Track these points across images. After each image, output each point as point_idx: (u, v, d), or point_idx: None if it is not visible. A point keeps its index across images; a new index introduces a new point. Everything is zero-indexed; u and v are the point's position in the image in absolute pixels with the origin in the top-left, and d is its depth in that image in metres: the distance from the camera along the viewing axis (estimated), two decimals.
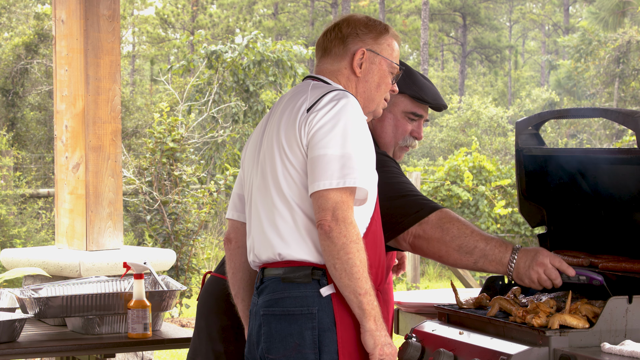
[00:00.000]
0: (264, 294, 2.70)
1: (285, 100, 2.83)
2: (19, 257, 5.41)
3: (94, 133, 5.29)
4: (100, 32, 5.31)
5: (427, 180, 13.10)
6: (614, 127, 19.58)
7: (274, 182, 2.70)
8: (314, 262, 2.65)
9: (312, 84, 2.82)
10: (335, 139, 2.60)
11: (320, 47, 2.90)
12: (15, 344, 3.43)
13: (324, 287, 2.63)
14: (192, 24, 33.58)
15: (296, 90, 2.84)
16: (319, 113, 2.65)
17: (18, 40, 16.93)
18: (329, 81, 2.84)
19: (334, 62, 2.86)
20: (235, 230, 2.94)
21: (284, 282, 2.64)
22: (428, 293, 3.84)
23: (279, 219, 2.67)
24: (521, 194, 3.54)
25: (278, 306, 2.64)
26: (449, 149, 21.15)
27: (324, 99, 2.69)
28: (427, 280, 13.27)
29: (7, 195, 12.67)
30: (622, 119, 3.03)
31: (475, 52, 41.20)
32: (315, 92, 2.75)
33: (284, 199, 2.67)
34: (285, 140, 2.69)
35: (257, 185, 2.77)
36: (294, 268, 2.65)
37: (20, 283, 9.40)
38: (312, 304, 2.62)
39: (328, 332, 2.63)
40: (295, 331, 2.62)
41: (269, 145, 2.76)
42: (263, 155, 2.77)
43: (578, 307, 2.96)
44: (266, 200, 2.71)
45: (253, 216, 2.77)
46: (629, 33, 19.55)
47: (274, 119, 2.80)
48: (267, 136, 2.78)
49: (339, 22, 2.90)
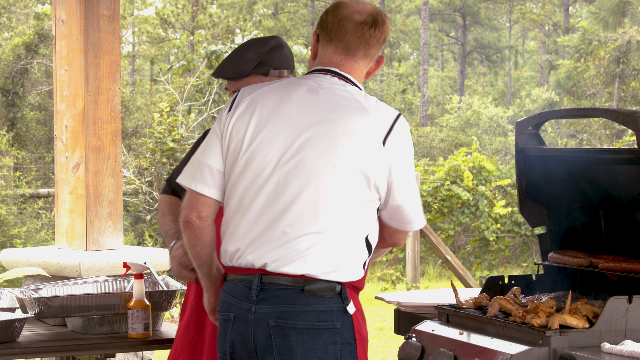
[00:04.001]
0: (270, 303, 2.58)
1: (328, 105, 2.63)
2: (19, 257, 5.41)
3: (94, 133, 5.29)
4: (100, 32, 5.31)
5: (427, 180, 13.10)
6: (614, 127, 19.58)
7: (321, 200, 2.57)
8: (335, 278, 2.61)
9: (351, 89, 2.68)
10: (412, 185, 2.69)
11: (363, 39, 2.70)
12: (15, 344, 3.43)
13: (347, 302, 2.60)
14: (192, 24, 33.57)
15: (339, 97, 2.65)
16: (397, 151, 2.63)
17: (18, 40, 16.93)
18: (359, 85, 2.73)
19: (369, 62, 2.76)
20: (208, 208, 2.71)
21: (307, 294, 2.56)
22: (428, 293, 3.84)
23: (315, 234, 2.57)
24: (521, 194, 3.54)
25: (300, 319, 2.56)
26: (449, 149, 21.14)
27: (397, 129, 2.64)
28: (427, 280, 13.27)
29: (7, 195, 12.67)
30: (622, 119, 3.03)
31: (475, 52, 41.19)
32: (381, 114, 2.63)
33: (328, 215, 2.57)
34: (354, 168, 2.58)
35: (296, 189, 2.59)
36: (310, 280, 2.57)
37: (20, 283, 9.39)
38: (337, 318, 2.59)
39: (348, 347, 2.61)
40: (320, 346, 2.57)
41: (321, 157, 2.59)
42: (314, 164, 2.59)
43: (578, 307, 2.96)
44: (306, 212, 2.57)
45: (281, 217, 2.59)
46: (629, 33, 19.54)
47: (324, 127, 2.60)
48: (317, 143, 2.59)
49: (384, 20, 2.71)
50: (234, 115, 2.69)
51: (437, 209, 13.05)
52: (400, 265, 12.67)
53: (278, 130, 2.62)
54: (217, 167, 2.69)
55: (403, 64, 35.25)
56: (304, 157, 2.59)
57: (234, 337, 2.66)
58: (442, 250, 10.56)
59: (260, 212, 2.61)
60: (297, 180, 2.58)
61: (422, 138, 22.42)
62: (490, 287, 3.43)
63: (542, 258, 3.56)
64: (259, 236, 2.61)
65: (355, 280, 2.64)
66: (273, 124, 2.63)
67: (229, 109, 2.72)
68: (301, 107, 2.64)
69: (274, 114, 2.64)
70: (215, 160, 2.69)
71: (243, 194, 2.64)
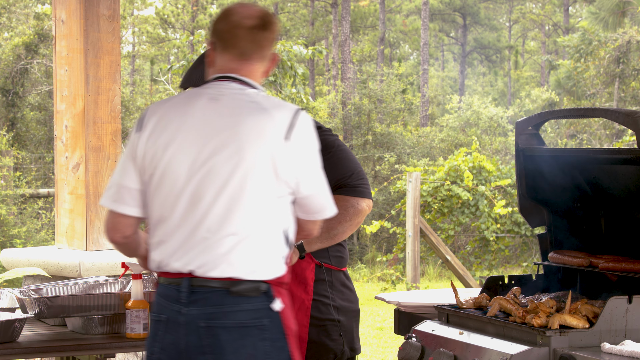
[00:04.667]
0: (200, 305, 2.69)
1: (230, 111, 2.74)
2: (19, 257, 5.41)
3: (94, 133, 5.29)
4: (100, 32, 5.31)
5: (427, 180, 13.10)
6: (614, 127, 19.57)
7: (235, 203, 2.68)
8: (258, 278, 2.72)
9: (251, 92, 2.78)
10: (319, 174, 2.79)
11: (256, 42, 2.80)
12: (15, 344, 3.43)
13: (274, 301, 2.72)
14: (192, 24, 33.58)
15: (240, 102, 2.75)
16: (300, 144, 2.71)
17: (18, 40, 16.93)
18: (258, 86, 2.82)
19: (263, 62, 2.84)
20: (131, 227, 2.87)
21: (234, 295, 2.68)
22: (428, 293, 3.84)
23: (233, 238, 2.69)
24: (521, 194, 3.54)
25: (228, 319, 2.68)
26: (449, 149, 21.14)
27: (298, 124, 2.72)
28: (427, 280, 13.27)
29: (7, 195, 12.67)
30: (622, 119, 3.03)
31: (475, 52, 41.20)
32: (281, 112, 2.72)
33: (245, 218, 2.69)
34: (261, 167, 2.68)
35: (210, 197, 2.70)
36: (236, 282, 2.69)
37: (20, 283, 9.39)
38: (264, 316, 2.71)
39: (277, 342, 2.73)
40: (249, 343, 2.69)
41: (228, 162, 2.70)
42: (222, 170, 2.70)
43: (578, 307, 2.96)
44: (220, 216, 2.70)
45: (199, 224, 2.71)
46: (629, 33, 19.54)
47: (228, 133, 2.71)
48: (222, 150, 2.70)
49: (272, 22, 2.83)
50: (143, 135, 2.80)
51: (437, 209, 13.05)
52: (400, 265, 12.67)
53: (186, 143, 2.74)
54: (134, 186, 2.82)
55: (403, 64, 35.25)
56: (213, 164, 2.70)
57: (164, 338, 2.77)
58: (442, 250, 10.56)
59: (179, 223, 2.74)
60: (209, 187, 2.70)
61: (422, 138, 22.41)
62: (490, 287, 3.43)
63: (542, 258, 3.56)
64: (181, 245, 2.74)
65: (279, 276, 2.75)
66: (181, 137, 2.75)
67: (137, 129, 2.83)
68: (204, 117, 2.75)
69: (180, 128, 2.76)
70: (131, 181, 2.82)
71: (162, 208, 2.77)
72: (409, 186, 11.49)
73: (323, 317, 3.40)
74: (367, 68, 25.96)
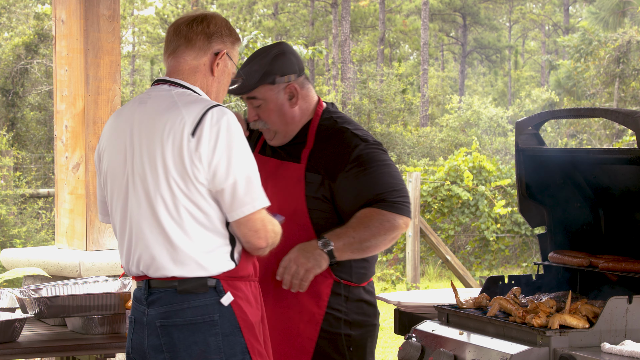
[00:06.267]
0: (156, 305, 2.78)
1: (151, 112, 2.80)
2: (19, 257, 5.41)
3: (94, 133, 5.29)
4: (100, 32, 5.31)
5: (427, 180, 13.10)
6: (614, 127, 19.58)
7: (157, 203, 2.74)
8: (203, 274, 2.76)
9: (175, 92, 2.82)
10: None
11: (182, 36, 2.87)
12: (15, 344, 3.43)
13: (222, 294, 2.75)
14: None
15: (161, 102, 2.81)
16: (207, 140, 2.71)
17: (18, 40, 16.94)
18: (189, 85, 2.86)
19: (197, 56, 2.88)
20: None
21: (181, 293, 2.74)
22: (428, 293, 3.84)
23: (165, 238, 2.74)
24: (521, 194, 3.54)
25: (178, 317, 2.74)
26: (449, 149, 21.15)
27: (206, 119, 2.72)
28: (427, 280, 13.27)
29: (7, 195, 12.68)
30: (622, 119, 3.03)
31: (475, 52, 41.21)
32: (191, 109, 2.75)
33: (169, 222, 2.74)
34: (172, 165, 2.72)
35: (135, 199, 2.78)
36: (182, 280, 2.74)
37: (20, 283, 9.40)
38: (214, 312, 2.74)
39: (231, 337, 2.75)
40: (200, 339, 2.73)
41: (146, 163, 2.76)
42: (141, 171, 2.77)
43: (578, 307, 2.96)
44: (148, 218, 2.76)
45: (134, 228, 2.80)
46: (629, 33, 19.54)
47: (144, 134, 2.78)
48: (141, 151, 2.78)
49: (206, 17, 2.90)
50: (98, 148, 2.96)
51: (437, 209, 13.06)
52: (400, 265, 12.67)
53: (116, 149, 2.86)
54: (101, 198, 3.00)
55: (403, 64, 35.25)
56: (135, 168, 2.79)
57: (133, 338, 2.87)
58: (442, 250, 10.56)
59: (122, 228, 2.85)
60: (134, 193, 2.79)
61: (422, 138, 22.43)
62: (490, 287, 3.42)
63: (542, 258, 3.56)
64: (129, 250, 2.84)
65: (228, 270, 2.77)
66: (112, 144, 2.88)
67: None
68: (130, 121, 2.85)
69: (112, 135, 2.90)
70: (100, 193, 3.01)
71: (111, 215, 2.93)
72: (409, 186, 11.49)
73: (333, 330, 3.31)
74: (367, 68, 25.98)
